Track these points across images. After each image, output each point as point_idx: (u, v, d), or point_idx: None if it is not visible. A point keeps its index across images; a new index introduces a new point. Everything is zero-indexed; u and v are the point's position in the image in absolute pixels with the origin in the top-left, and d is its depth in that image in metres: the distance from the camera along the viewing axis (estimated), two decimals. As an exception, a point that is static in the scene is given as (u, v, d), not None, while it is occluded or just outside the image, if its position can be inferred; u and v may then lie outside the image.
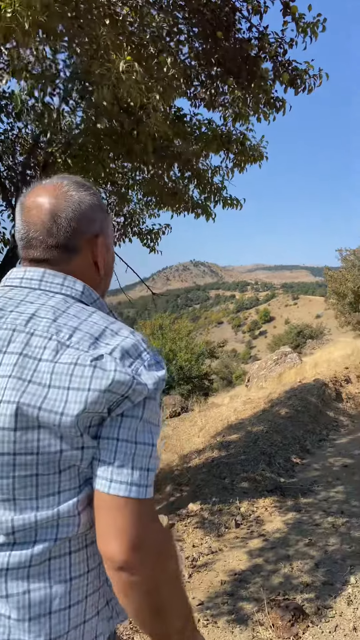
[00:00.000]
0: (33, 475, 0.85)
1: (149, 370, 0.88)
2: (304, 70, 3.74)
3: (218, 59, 3.74)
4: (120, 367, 0.84)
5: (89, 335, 0.88)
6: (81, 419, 0.83)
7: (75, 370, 0.84)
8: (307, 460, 6.48)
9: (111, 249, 1.07)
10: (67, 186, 1.00)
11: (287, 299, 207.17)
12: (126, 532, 0.82)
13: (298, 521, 4.48)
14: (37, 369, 0.85)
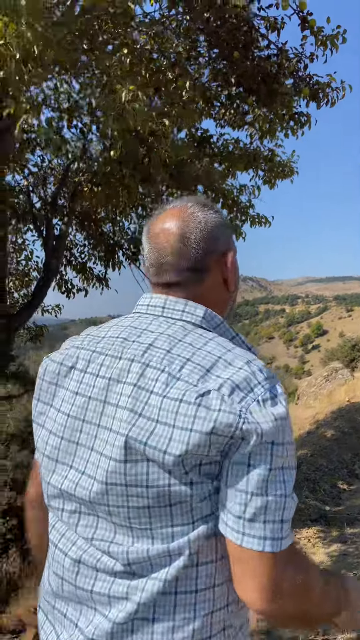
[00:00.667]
0: (145, 507, 0.84)
1: (263, 406, 0.80)
2: (326, 83, 3.63)
3: (237, 79, 3.69)
4: (226, 405, 0.79)
5: (199, 367, 0.85)
6: (186, 458, 0.80)
7: (180, 408, 0.81)
8: (355, 486, 6.14)
9: (236, 264, 1.04)
10: (191, 207, 1.00)
11: (341, 311, 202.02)
12: (262, 584, 0.80)
13: (343, 553, 4.22)
14: (148, 402, 0.84)
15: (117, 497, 0.86)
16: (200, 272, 0.98)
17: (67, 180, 4.65)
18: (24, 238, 5.32)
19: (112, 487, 0.86)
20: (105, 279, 5.58)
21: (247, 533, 0.79)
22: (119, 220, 5.81)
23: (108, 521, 0.88)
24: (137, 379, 0.86)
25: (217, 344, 0.89)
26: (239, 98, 3.86)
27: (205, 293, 0.98)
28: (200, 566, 0.85)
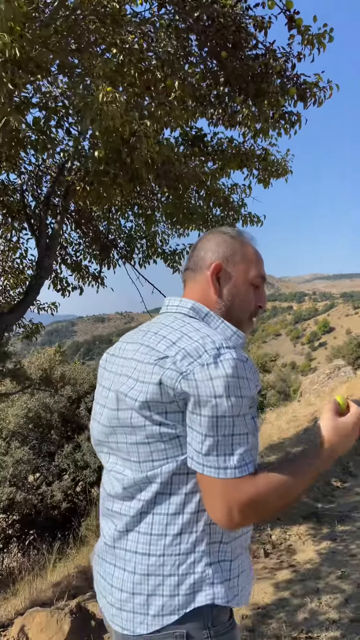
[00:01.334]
0: (134, 443, 1.16)
1: (206, 369, 1.07)
2: (313, 83, 3.63)
3: (226, 78, 3.70)
4: (174, 366, 1.10)
5: (169, 341, 1.16)
6: (151, 405, 1.11)
7: (146, 367, 1.15)
8: (348, 483, 6.16)
9: (235, 278, 1.32)
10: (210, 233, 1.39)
11: (348, 308, 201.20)
12: (223, 505, 1.06)
13: (332, 551, 4.25)
14: (133, 367, 1.19)
15: (117, 436, 1.21)
16: (193, 270, 1.34)
17: (61, 179, 4.67)
18: (19, 236, 5.35)
19: (113, 429, 1.22)
20: (101, 277, 5.61)
21: (205, 465, 1.06)
22: (115, 218, 5.84)
23: (117, 456, 1.23)
24: (134, 354, 1.22)
25: (190, 326, 1.20)
26: (228, 97, 3.87)
27: (198, 289, 1.32)
28: (172, 495, 1.13)
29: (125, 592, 1.15)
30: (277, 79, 3.68)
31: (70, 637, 2.97)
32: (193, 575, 1.13)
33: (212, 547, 1.15)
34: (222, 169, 4.81)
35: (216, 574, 1.14)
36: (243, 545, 1.25)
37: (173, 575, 1.12)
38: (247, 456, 1.07)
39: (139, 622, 1.13)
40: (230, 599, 1.15)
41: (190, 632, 1.12)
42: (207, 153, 4.81)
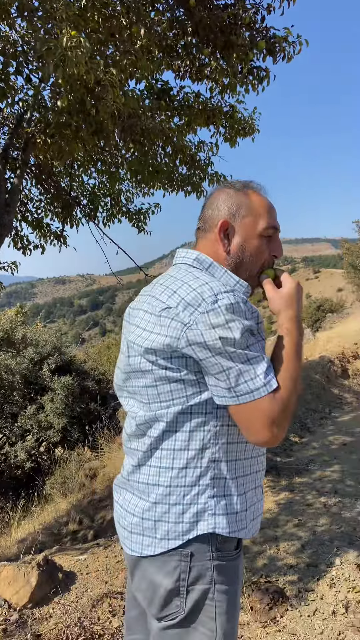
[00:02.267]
0: (145, 386, 1.27)
1: (207, 317, 1.14)
2: (282, 37, 3.54)
3: (194, 28, 3.57)
4: (178, 317, 1.18)
5: (171, 290, 1.24)
6: (156, 351, 1.21)
7: (151, 318, 1.25)
8: (306, 439, 6.42)
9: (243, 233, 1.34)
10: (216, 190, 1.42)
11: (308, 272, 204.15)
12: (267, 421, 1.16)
13: (290, 501, 4.45)
14: (143, 317, 1.29)
15: (132, 381, 1.32)
16: (204, 230, 1.38)
17: (19, 131, 4.46)
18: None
19: (128, 374, 1.33)
20: (63, 236, 5.47)
21: (239, 394, 1.16)
22: (77, 175, 5.65)
23: (134, 399, 1.33)
24: (142, 305, 1.32)
25: (192, 275, 1.26)
26: (196, 48, 3.74)
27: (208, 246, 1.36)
28: (177, 432, 1.24)
29: (136, 516, 1.29)
30: (246, 32, 3.58)
31: (37, 589, 3.03)
32: (197, 505, 1.24)
33: (216, 481, 1.25)
34: (188, 125, 4.69)
35: (219, 505, 1.24)
36: (254, 482, 1.35)
37: (178, 504, 1.24)
38: (269, 371, 1.18)
39: (146, 544, 1.27)
40: (233, 530, 1.26)
41: (195, 553, 1.24)
42: (173, 108, 4.68)
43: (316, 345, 12.66)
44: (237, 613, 1.32)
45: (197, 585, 1.24)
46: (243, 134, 5.01)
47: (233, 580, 1.28)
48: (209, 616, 1.24)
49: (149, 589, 1.28)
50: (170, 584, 1.23)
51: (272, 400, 1.16)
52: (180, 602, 1.24)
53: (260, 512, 1.41)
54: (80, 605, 2.97)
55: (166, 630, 1.26)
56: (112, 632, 2.73)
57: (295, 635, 2.67)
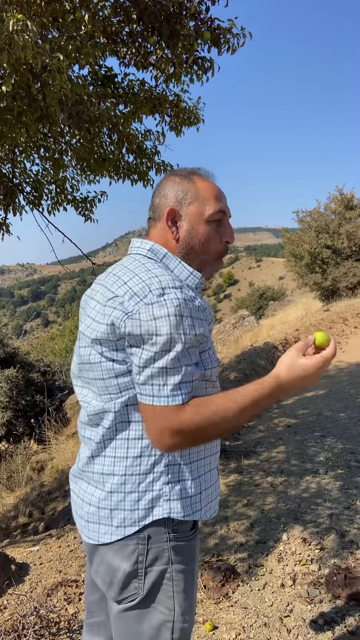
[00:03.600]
0: (94, 379, 1.28)
1: (150, 308, 1.13)
2: (227, 28, 3.59)
3: (139, 16, 3.55)
4: (122, 307, 1.17)
5: (122, 280, 1.23)
6: (103, 341, 1.22)
7: (98, 307, 1.25)
8: (252, 422, 6.62)
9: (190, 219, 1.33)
10: (163, 178, 1.40)
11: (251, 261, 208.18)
12: (156, 429, 1.16)
13: (239, 483, 4.60)
14: (94, 307, 1.28)
15: (86, 372, 1.32)
16: (154, 219, 1.37)
17: None
18: None
19: (81, 365, 1.33)
20: (6, 224, 5.31)
21: (142, 393, 1.17)
22: (19, 161, 5.50)
23: (88, 389, 1.33)
24: (95, 294, 1.30)
25: (144, 266, 1.25)
26: (141, 36, 3.72)
27: (160, 235, 1.35)
28: (131, 422, 1.25)
29: (92, 506, 1.31)
30: (191, 21, 3.60)
31: (-11, 582, 3.00)
32: (151, 492, 1.26)
33: (171, 468, 1.27)
34: (134, 113, 4.68)
35: (173, 491, 1.28)
36: (208, 465, 1.37)
37: (134, 492, 1.26)
38: (182, 387, 1.16)
39: (103, 532, 1.29)
40: (187, 513, 1.29)
41: (152, 536, 1.27)
42: (118, 95, 4.64)
43: (260, 332, 13.01)
44: (194, 590, 1.36)
45: (155, 567, 1.28)
46: (188, 124, 5.05)
47: (190, 559, 1.33)
48: (167, 595, 1.29)
49: (107, 572, 1.30)
50: (128, 567, 1.27)
51: (169, 415, 1.14)
52: (139, 583, 1.27)
53: (217, 493, 1.45)
54: (35, 594, 2.97)
55: (126, 612, 1.29)
56: (68, 619, 2.75)
57: (247, 609, 2.79)
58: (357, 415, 6.20)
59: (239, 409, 1.18)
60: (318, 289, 21.72)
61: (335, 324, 12.64)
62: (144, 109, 4.65)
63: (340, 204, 21.93)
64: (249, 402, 1.19)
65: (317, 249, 21.04)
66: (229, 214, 1.40)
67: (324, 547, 3.27)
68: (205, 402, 1.17)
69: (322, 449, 5.17)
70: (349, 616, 2.60)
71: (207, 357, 1.29)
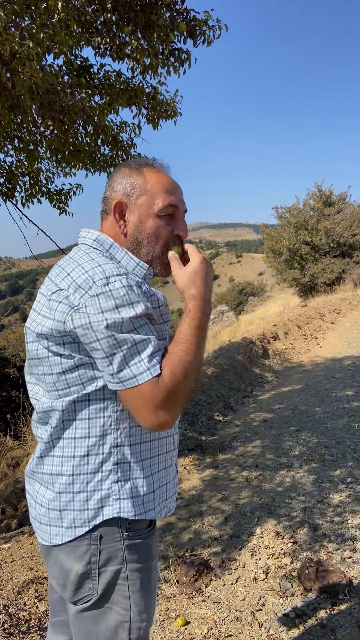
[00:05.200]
0: (43, 374, 1.25)
1: (96, 300, 1.11)
2: (202, 20, 3.56)
3: (113, 5, 3.49)
4: (67, 300, 1.14)
5: (65, 272, 1.20)
6: (49, 336, 1.18)
7: (43, 300, 1.22)
8: (229, 417, 6.64)
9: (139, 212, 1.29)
10: (115, 169, 1.38)
11: (231, 257, 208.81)
12: (149, 411, 1.12)
13: (214, 477, 4.60)
14: (40, 300, 1.25)
15: (35, 367, 1.28)
16: (105, 212, 1.34)
17: None
18: None
19: (30, 361, 1.30)
20: (-21, 216, 5.20)
21: (123, 381, 1.12)
22: (-7, 152, 5.38)
23: (39, 386, 1.29)
24: (42, 287, 1.26)
25: (88, 256, 1.21)
26: (116, 26, 3.66)
27: (110, 228, 1.32)
28: (77, 421, 1.22)
29: (43, 507, 1.29)
30: (167, 12, 3.55)
31: None
32: (100, 492, 1.23)
33: (120, 466, 1.24)
34: (110, 105, 4.61)
35: (123, 490, 1.24)
36: (163, 463, 1.34)
37: (82, 492, 1.23)
38: (154, 356, 1.14)
39: (54, 533, 1.26)
40: (139, 512, 1.26)
41: (104, 535, 1.24)
42: (94, 86, 4.57)
43: (239, 327, 13.05)
44: (152, 589, 1.33)
45: (108, 567, 1.25)
46: (165, 117, 5.01)
47: (146, 558, 1.30)
48: (122, 595, 1.26)
49: (61, 574, 1.28)
50: (81, 568, 1.24)
51: (156, 385, 1.12)
52: (92, 584, 1.25)
53: (174, 491, 1.42)
54: (6, 593, 2.92)
55: (82, 613, 1.27)
56: (38, 617, 2.72)
57: (219, 603, 2.79)
58: (332, 409, 6.26)
59: (193, 344, 1.18)
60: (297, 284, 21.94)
61: (313, 319, 12.77)
62: (120, 101, 4.59)
63: (318, 200, 22.14)
64: (197, 331, 1.20)
65: (296, 245, 21.22)
66: (183, 208, 1.36)
67: (297, 540, 3.30)
68: (169, 358, 1.16)
69: (297, 443, 5.21)
70: (321, 609, 2.62)
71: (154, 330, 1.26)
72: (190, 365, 1.16)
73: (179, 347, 1.17)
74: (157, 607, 2.80)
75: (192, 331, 1.20)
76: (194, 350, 1.18)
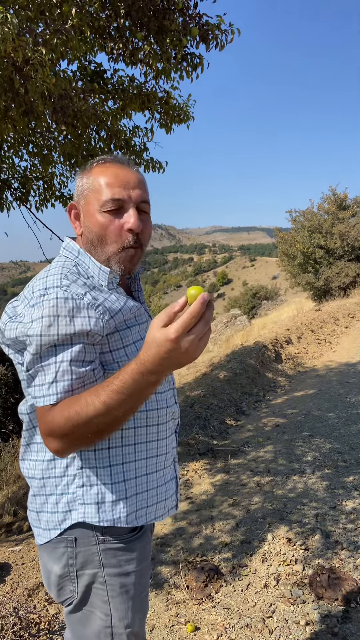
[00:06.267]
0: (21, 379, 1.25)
1: (32, 310, 1.11)
2: (215, 25, 3.57)
3: (126, 10, 3.51)
4: (9, 310, 1.19)
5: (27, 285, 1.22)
6: (9, 345, 1.21)
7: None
8: (241, 421, 6.60)
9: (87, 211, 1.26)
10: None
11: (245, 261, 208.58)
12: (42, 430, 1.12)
13: (225, 482, 4.58)
14: None
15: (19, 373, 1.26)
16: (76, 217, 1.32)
17: None
18: None
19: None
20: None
21: (33, 395, 1.12)
22: (7, 156, 5.44)
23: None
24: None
25: (49, 266, 1.24)
26: (129, 31, 3.69)
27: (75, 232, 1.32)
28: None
29: (28, 508, 1.34)
30: (180, 17, 3.57)
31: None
32: (67, 495, 1.24)
33: (85, 471, 1.22)
34: (123, 109, 4.64)
35: (87, 495, 1.22)
36: (144, 468, 1.29)
37: (52, 494, 1.25)
38: (57, 386, 1.09)
39: (37, 534, 1.31)
40: (104, 519, 1.22)
41: (79, 538, 1.24)
42: (107, 91, 4.60)
43: (251, 331, 13.00)
44: (134, 594, 1.28)
45: (86, 570, 1.24)
46: (178, 121, 5.02)
47: (128, 562, 1.26)
48: (102, 600, 1.24)
49: (44, 574, 1.31)
50: (59, 569, 1.26)
51: (43, 415, 1.10)
52: (72, 586, 1.25)
53: (162, 497, 1.36)
54: (16, 595, 2.93)
55: (70, 615, 1.29)
56: (48, 620, 2.72)
57: (230, 609, 2.77)
58: (345, 415, 6.20)
59: (102, 404, 1.02)
60: (311, 288, 21.78)
61: (327, 323, 12.67)
62: (133, 105, 4.62)
63: (333, 204, 22.00)
64: (112, 394, 1.01)
65: (310, 249, 21.09)
66: (134, 199, 1.24)
67: (309, 547, 3.26)
68: (71, 400, 1.07)
69: (310, 448, 5.16)
70: (332, 617, 2.58)
71: (121, 355, 1.21)
72: (90, 423, 1.04)
73: (91, 397, 1.04)
74: (166, 612, 2.79)
75: (111, 390, 1.02)
76: (102, 412, 1.02)
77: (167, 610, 2.81)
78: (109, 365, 1.21)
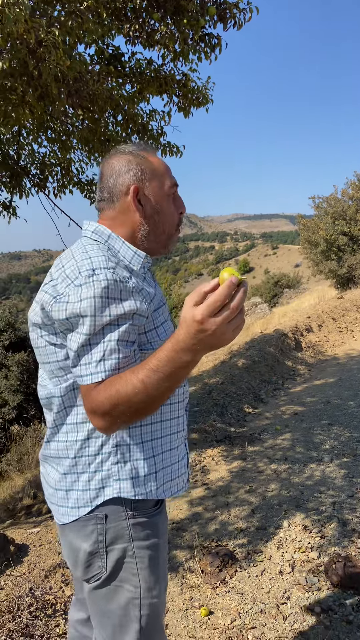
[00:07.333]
0: (42, 363, 1.31)
1: (79, 289, 1.12)
2: (233, 3, 3.48)
3: (143, -9, 3.45)
4: (53, 290, 1.18)
5: (61, 265, 1.23)
6: (43, 326, 1.24)
7: (39, 292, 1.25)
8: (259, 409, 6.57)
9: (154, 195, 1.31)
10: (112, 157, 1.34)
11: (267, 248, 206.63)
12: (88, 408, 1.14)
13: (242, 469, 4.57)
14: (40, 291, 1.26)
15: (39, 356, 1.32)
16: (110, 201, 1.32)
17: None
18: None
19: (35, 349, 1.34)
20: (12, 206, 5.28)
21: (75, 374, 1.16)
22: (27, 143, 5.45)
23: (44, 372, 1.33)
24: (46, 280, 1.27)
25: (84, 248, 1.23)
26: (145, 12, 3.62)
27: (117, 217, 1.31)
28: (77, 407, 1.26)
29: (52, 488, 1.35)
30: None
31: (-11, 562, 3.02)
32: (101, 472, 1.27)
33: (120, 448, 1.27)
34: (140, 93, 4.58)
35: (122, 471, 1.27)
36: (168, 444, 1.37)
37: (85, 472, 1.28)
38: (105, 364, 1.12)
39: (62, 513, 1.32)
40: (139, 493, 1.29)
41: (109, 515, 1.28)
42: (124, 74, 4.55)
43: (271, 320, 12.90)
44: (160, 566, 1.37)
45: (116, 545, 1.29)
46: (197, 104, 4.93)
47: (154, 535, 1.34)
48: (132, 572, 1.30)
49: (71, 552, 1.34)
50: (88, 546, 1.29)
51: (89, 393, 1.12)
52: (101, 562, 1.29)
53: (182, 472, 1.45)
54: (32, 576, 2.98)
55: (95, 591, 1.33)
56: (64, 601, 2.76)
57: (244, 594, 2.77)
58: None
59: (140, 382, 1.05)
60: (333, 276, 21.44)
61: (349, 312, 12.48)
62: (151, 89, 4.55)
63: (357, 189, 21.53)
64: (150, 372, 1.05)
65: (333, 236, 20.72)
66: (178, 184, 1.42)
67: (325, 535, 3.23)
68: (113, 379, 1.10)
69: (329, 437, 5.11)
70: (347, 605, 2.56)
71: (154, 336, 1.28)
72: (131, 401, 1.07)
73: (130, 377, 1.08)
74: (181, 596, 2.80)
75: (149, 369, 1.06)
76: (141, 390, 1.06)
77: (181, 594, 2.83)
78: (144, 345, 1.26)
